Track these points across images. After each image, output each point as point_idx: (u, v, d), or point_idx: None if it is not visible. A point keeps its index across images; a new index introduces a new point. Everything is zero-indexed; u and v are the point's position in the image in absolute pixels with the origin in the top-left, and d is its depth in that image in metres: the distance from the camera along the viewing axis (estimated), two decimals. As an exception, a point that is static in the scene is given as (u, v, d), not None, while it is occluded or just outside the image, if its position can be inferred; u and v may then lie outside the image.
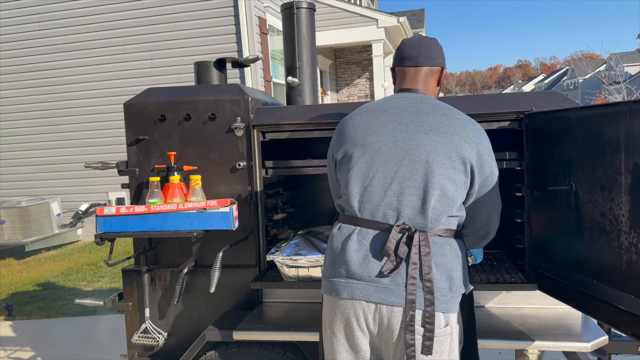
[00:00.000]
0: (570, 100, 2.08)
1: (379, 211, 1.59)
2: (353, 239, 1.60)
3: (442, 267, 1.56)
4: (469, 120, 1.67)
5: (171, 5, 7.94)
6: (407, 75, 1.80)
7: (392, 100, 1.73)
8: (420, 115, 1.65)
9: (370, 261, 1.56)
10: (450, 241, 1.61)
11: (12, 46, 8.52)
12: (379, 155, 1.61)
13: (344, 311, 1.58)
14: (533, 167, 2.03)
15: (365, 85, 14.25)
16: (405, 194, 1.57)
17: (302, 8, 2.69)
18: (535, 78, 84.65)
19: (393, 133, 1.63)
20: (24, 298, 5.47)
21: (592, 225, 1.68)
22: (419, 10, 25.41)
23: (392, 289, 1.52)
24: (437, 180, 1.56)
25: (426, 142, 1.59)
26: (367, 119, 1.69)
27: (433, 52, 1.82)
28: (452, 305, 1.57)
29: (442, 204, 1.58)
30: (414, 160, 1.58)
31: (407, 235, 1.54)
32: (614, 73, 27.18)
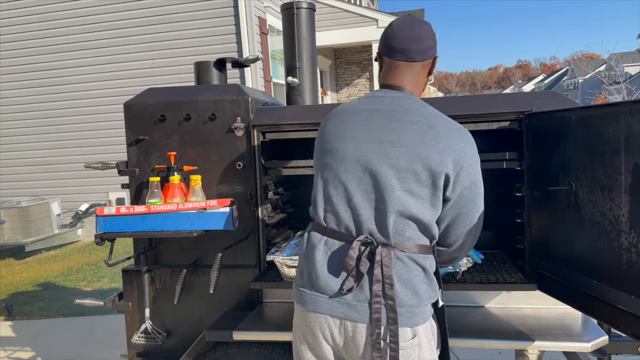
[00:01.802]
0: (570, 100, 2.08)
1: (342, 223, 1.55)
2: (320, 249, 1.56)
3: (406, 283, 1.50)
4: (445, 126, 1.55)
5: (171, 5, 7.94)
6: (397, 70, 1.66)
7: (369, 101, 1.63)
8: (391, 121, 1.54)
9: (334, 274, 1.52)
10: (417, 256, 1.53)
11: (12, 46, 8.53)
12: (342, 165, 1.55)
13: (310, 323, 1.56)
14: (533, 167, 2.03)
15: (365, 85, 14.25)
16: (366, 207, 1.52)
17: (302, 8, 2.69)
18: (535, 78, 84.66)
19: (360, 141, 1.54)
20: (24, 298, 5.48)
21: (592, 225, 1.68)
22: (418, 11, 25.42)
23: (355, 306, 1.49)
24: (397, 196, 1.49)
25: (391, 153, 1.50)
26: (339, 121, 1.61)
27: (427, 44, 1.65)
28: (420, 318, 1.53)
29: (405, 219, 1.50)
30: (376, 173, 1.51)
31: (369, 249, 1.49)
32: (614, 73, 27.19)
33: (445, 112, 2.13)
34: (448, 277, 2.14)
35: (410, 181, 1.49)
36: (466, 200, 1.57)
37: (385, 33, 1.68)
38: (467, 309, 2.26)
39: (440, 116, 1.59)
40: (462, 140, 1.56)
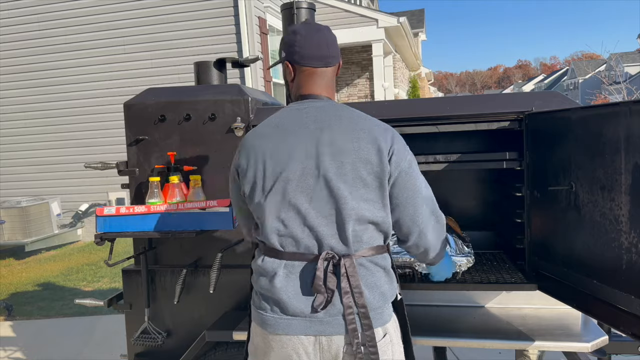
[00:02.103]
0: (570, 101, 2.08)
1: (301, 244, 1.52)
2: (279, 274, 1.53)
3: (372, 287, 1.54)
4: (375, 128, 1.56)
5: (171, 5, 7.94)
6: (314, 78, 1.64)
7: (296, 115, 1.59)
8: (323, 132, 1.53)
9: (301, 296, 1.51)
10: (376, 258, 1.57)
11: (12, 46, 8.53)
12: (290, 185, 1.51)
13: (282, 347, 1.53)
14: (533, 167, 2.03)
15: (365, 85, 14.26)
16: (322, 223, 1.51)
17: (302, 8, 2.69)
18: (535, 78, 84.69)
19: (301, 159, 1.52)
20: (24, 298, 5.48)
21: (592, 225, 1.68)
22: (418, 11, 25.42)
23: (329, 321, 1.50)
24: (351, 206, 1.50)
25: (334, 165, 1.50)
26: (273, 143, 1.56)
27: (337, 48, 1.67)
28: (387, 316, 1.58)
29: (362, 226, 1.53)
30: (325, 187, 1.50)
31: (332, 263, 1.50)
32: (614, 73, 27.18)
33: (446, 112, 2.15)
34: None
35: (360, 187, 1.51)
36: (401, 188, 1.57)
37: (294, 41, 1.63)
38: (467, 309, 2.26)
39: (367, 118, 1.60)
40: (392, 138, 1.57)
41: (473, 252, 2.17)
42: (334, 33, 1.69)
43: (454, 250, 2.15)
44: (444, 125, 2.15)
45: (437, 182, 2.84)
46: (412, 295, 2.33)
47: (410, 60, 19.21)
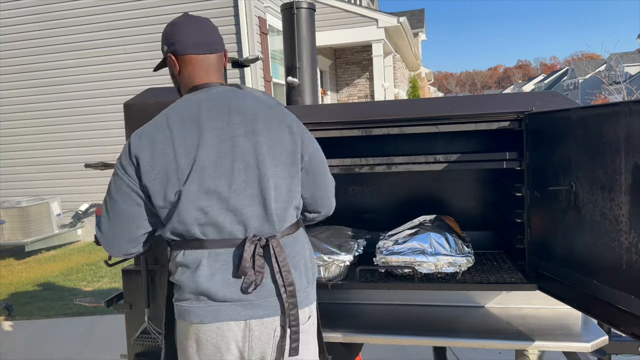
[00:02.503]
0: (570, 101, 2.08)
1: (225, 230, 1.50)
2: (204, 265, 1.50)
3: (297, 265, 1.57)
4: (278, 107, 1.62)
5: (171, 6, 7.94)
6: (201, 66, 1.62)
7: (199, 104, 1.55)
8: (232, 115, 1.53)
9: (229, 282, 1.49)
10: (297, 235, 1.62)
11: (12, 46, 8.53)
12: (206, 172, 1.48)
13: (210, 337, 1.51)
14: (533, 167, 2.03)
15: (365, 85, 14.26)
16: (245, 205, 1.50)
17: (302, 8, 2.69)
18: (535, 78, 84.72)
19: (215, 144, 1.49)
20: (24, 298, 5.48)
21: (592, 225, 1.68)
22: (418, 11, 25.42)
23: (259, 303, 1.50)
24: (272, 183, 1.51)
25: (248, 145, 1.50)
26: (180, 134, 1.50)
27: (218, 36, 1.68)
28: (312, 295, 1.63)
29: (283, 203, 1.55)
30: (243, 169, 1.50)
31: (259, 245, 1.50)
32: (614, 73, 27.18)
33: (446, 112, 2.15)
34: (448, 277, 2.14)
35: (276, 165, 1.53)
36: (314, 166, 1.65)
37: (174, 32, 1.63)
38: (467, 309, 2.26)
39: (270, 97, 1.65)
40: (293, 117, 1.63)
41: (473, 252, 2.17)
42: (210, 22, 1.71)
43: (454, 250, 2.15)
44: (444, 125, 2.15)
45: (437, 182, 2.85)
46: (412, 295, 2.33)
47: (410, 60, 19.21)
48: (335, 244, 2.28)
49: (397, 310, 2.30)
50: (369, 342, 2.19)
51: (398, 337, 2.07)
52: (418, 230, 2.29)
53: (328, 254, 2.18)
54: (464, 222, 2.62)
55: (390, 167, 2.25)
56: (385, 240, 2.30)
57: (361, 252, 2.34)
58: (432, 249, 2.15)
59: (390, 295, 2.35)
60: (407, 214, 2.49)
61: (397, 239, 2.27)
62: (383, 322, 2.19)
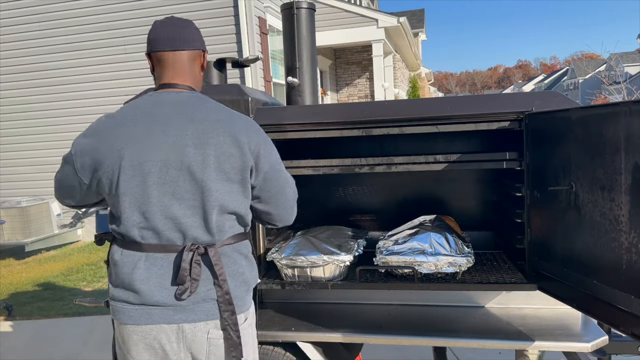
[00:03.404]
0: (570, 101, 2.08)
1: (163, 236, 1.53)
2: (140, 267, 1.53)
3: (235, 274, 1.59)
4: (237, 120, 1.61)
5: (171, 6, 7.94)
6: (167, 64, 1.63)
7: (157, 104, 1.57)
8: (188, 123, 1.53)
9: (164, 286, 1.52)
10: (239, 246, 1.63)
11: (12, 46, 8.53)
12: (151, 177, 1.50)
13: (144, 338, 1.54)
14: (533, 167, 2.03)
15: (365, 85, 14.26)
16: (186, 215, 1.52)
17: (302, 8, 2.69)
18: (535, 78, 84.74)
19: (163, 150, 1.51)
20: (24, 298, 5.48)
21: (592, 225, 1.68)
22: (419, 11, 25.41)
23: (192, 308, 1.53)
24: (215, 198, 1.53)
25: (198, 157, 1.51)
26: (132, 131, 1.52)
27: (190, 34, 1.67)
28: (248, 301, 1.67)
29: (225, 216, 1.57)
30: (189, 180, 1.51)
31: (198, 253, 1.52)
32: (614, 73, 27.17)
33: (446, 112, 2.15)
34: (448, 277, 2.14)
35: (223, 180, 1.53)
36: (271, 182, 1.65)
37: (149, 31, 1.69)
38: (467, 309, 2.27)
39: (230, 111, 1.64)
40: (253, 131, 1.62)
41: (473, 252, 2.18)
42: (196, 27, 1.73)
43: (454, 250, 2.15)
44: (444, 125, 2.15)
45: (437, 182, 2.85)
46: (412, 295, 2.33)
47: (410, 60, 19.21)
48: (335, 244, 2.28)
49: (397, 310, 2.30)
50: (369, 342, 2.19)
51: (398, 337, 2.08)
52: (418, 230, 2.29)
53: (328, 254, 2.18)
54: (464, 222, 2.62)
55: (390, 167, 2.25)
56: (385, 240, 2.30)
57: (361, 252, 2.34)
58: (432, 249, 2.15)
59: (390, 295, 2.35)
60: (407, 214, 2.49)
61: (397, 239, 2.27)
62: (383, 322, 2.19)
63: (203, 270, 1.54)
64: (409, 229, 2.34)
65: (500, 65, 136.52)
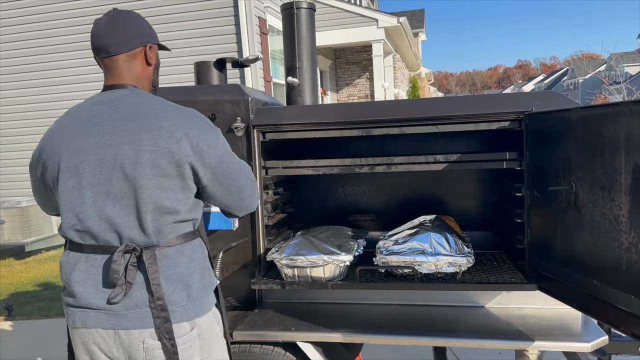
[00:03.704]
0: (570, 101, 2.08)
1: (100, 237, 1.50)
2: (79, 269, 1.51)
3: (175, 279, 1.52)
4: (177, 115, 1.55)
5: (171, 6, 7.94)
6: (106, 68, 1.62)
7: (96, 105, 1.56)
8: (122, 121, 1.51)
9: (100, 289, 1.49)
10: (183, 247, 1.56)
11: (12, 46, 8.53)
12: (86, 178, 1.49)
13: (84, 340, 1.53)
14: (533, 167, 2.03)
15: (365, 85, 14.26)
16: (120, 215, 1.48)
17: (302, 8, 2.69)
18: (535, 78, 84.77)
19: (98, 150, 1.49)
20: (24, 298, 5.48)
21: (592, 225, 1.68)
22: (419, 11, 25.42)
23: (125, 314, 1.48)
24: (148, 195, 1.48)
25: (132, 154, 1.48)
26: (70, 133, 1.53)
27: (127, 33, 1.61)
28: (197, 310, 1.56)
29: (162, 216, 1.51)
30: (122, 178, 1.48)
31: (133, 255, 1.48)
32: (614, 73, 27.15)
33: (446, 112, 2.15)
34: (448, 277, 2.14)
35: (158, 177, 1.49)
36: (222, 176, 1.60)
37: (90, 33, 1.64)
38: (467, 309, 2.26)
39: (169, 105, 1.58)
40: (195, 126, 1.56)
41: (473, 252, 2.18)
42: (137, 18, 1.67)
43: (454, 250, 2.15)
44: (444, 125, 2.15)
45: (437, 182, 2.85)
46: (412, 295, 2.33)
47: (410, 60, 19.21)
48: (335, 244, 2.28)
49: (397, 310, 2.30)
50: (369, 342, 2.19)
51: (398, 337, 2.07)
52: (418, 230, 2.29)
53: (328, 254, 2.18)
54: (464, 222, 2.62)
55: (390, 167, 2.25)
56: (385, 240, 2.30)
57: (361, 252, 2.34)
58: (432, 249, 2.15)
59: (390, 295, 2.35)
60: (407, 214, 2.49)
61: (397, 239, 2.27)
62: (383, 322, 2.19)
63: (139, 273, 1.48)
64: (409, 229, 2.34)
65: (500, 65, 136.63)
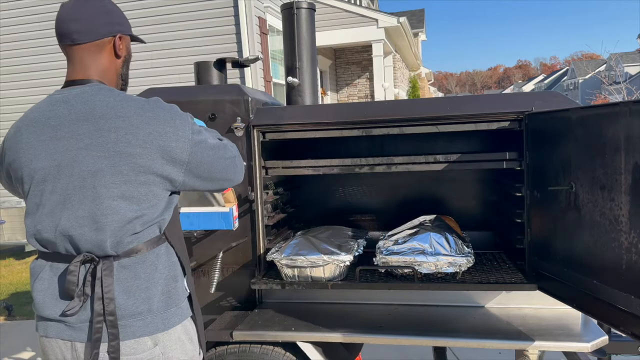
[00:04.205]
0: (570, 101, 2.08)
1: (59, 247, 1.43)
2: (43, 278, 1.45)
3: (134, 291, 1.41)
4: (138, 113, 1.40)
5: (171, 6, 7.94)
6: (70, 58, 1.48)
7: (53, 105, 1.44)
8: (79, 123, 1.39)
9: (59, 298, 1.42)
10: (145, 257, 1.44)
11: (12, 46, 8.53)
12: (45, 186, 1.40)
13: (45, 350, 1.49)
14: (533, 167, 2.03)
15: (365, 85, 14.26)
16: (77, 225, 1.39)
17: (302, 8, 2.69)
18: (535, 78, 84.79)
19: (55, 155, 1.39)
20: (24, 298, 5.48)
21: (592, 225, 1.68)
22: (419, 11, 25.42)
23: (79, 327, 1.41)
24: (108, 206, 1.37)
25: (89, 160, 1.37)
26: (27, 137, 1.43)
27: (94, 20, 1.45)
28: (159, 324, 1.45)
29: (123, 225, 1.39)
30: (79, 186, 1.38)
31: (93, 265, 1.40)
32: (614, 73, 27.16)
33: (446, 112, 2.15)
34: (448, 277, 2.14)
35: (120, 184, 1.37)
36: (198, 168, 1.47)
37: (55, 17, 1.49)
38: (467, 309, 2.26)
39: (129, 102, 1.42)
40: (158, 121, 1.41)
41: (473, 252, 2.18)
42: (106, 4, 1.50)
43: (454, 250, 2.15)
44: (444, 125, 2.15)
45: (437, 182, 2.85)
46: (412, 295, 2.33)
47: (410, 60, 19.21)
48: (335, 244, 2.28)
49: (397, 310, 2.30)
50: (369, 342, 2.19)
51: (398, 337, 2.07)
52: (418, 230, 2.29)
53: (328, 254, 2.18)
54: (464, 222, 2.62)
55: (390, 167, 2.25)
56: (385, 240, 2.30)
57: (361, 252, 2.34)
58: (432, 249, 2.15)
59: (390, 295, 2.35)
60: (407, 214, 2.49)
61: (397, 239, 2.27)
62: (383, 322, 2.19)
63: (96, 285, 1.39)
64: (409, 229, 2.34)
65: (500, 65, 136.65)
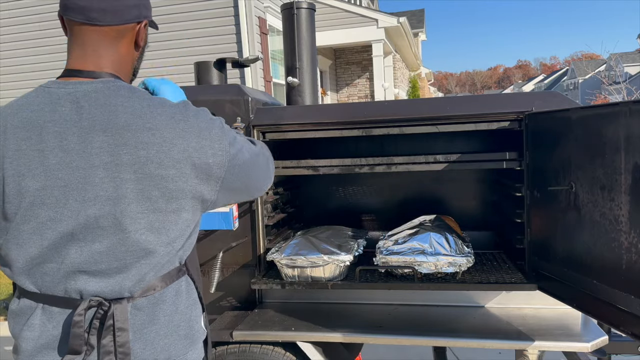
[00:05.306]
0: (570, 101, 2.08)
1: (59, 286, 1.13)
2: (33, 324, 1.14)
3: (152, 339, 1.17)
4: (168, 123, 1.13)
5: (171, 6, 7.94)
6: (76, 39, 1.16)
7: (55, 104, 1.11)
8: (94, 134, 1.08)
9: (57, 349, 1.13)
10: (164, 294, 1.19)
11: (12, 46, 8.53)
12: (43, 211, 1.08)
13: None
14: (533, 167, 2.03)
15: (365, 85, 14.27)
16: (93, 262, 1.11)
17: (302, 8, 2.69)
18: (535, 78, 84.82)
19: (59, 173, 1.07)
20: (24, 298, 5.47)
21: (592, 225, 1.68)
22: (419, 11, 25.44)
23: None
24: (135, 240, 1.10)
25: (108, 184, 1.07)
26: (16, 143, 1.08)
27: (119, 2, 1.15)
28: None
29: (149, 261, 1.14)
30: (95, 216, 1.08)
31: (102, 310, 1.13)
32: (614, 73, 27.17)
33: (446, 112, 2.15)
34: (448, 277, 2.14)
35: (148, 213, 1.10)
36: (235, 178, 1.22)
37: None
38: (467, 309, 2.27)
39: (158, 108, 1.15)
40: (194, 133, 1.15)
41: (473, 252, 2.18)
42: None
43: (454, 250, 2.15)
44: (444, 125, 2.15)
45: (437, 182, 2.85)
46: (412, 295, 2.34)
47: (410, 60, 19.22)
48: (335, 244, 2.28)
49: (397, 310, 2.30)
50: (369, 342, 2.19)
51: (398, 337, 2.08)
52: (418, 230, 2.29)
53: (328, 253, 2.18)
54: (464, 222, 2.62)
55: (390, 167, 2.25)
56: (385, 240, 2.30)
57: (361, 252, 2.34)
58: (432, 249, 2.15)
59: (390, 295, 2.35)
60: (407, 214, 2.49)
61: (397, 239, 2.27)
62: (383, 322, 2.19)
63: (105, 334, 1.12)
64: (409, 229, 2.34)
65: (500, 65, 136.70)
